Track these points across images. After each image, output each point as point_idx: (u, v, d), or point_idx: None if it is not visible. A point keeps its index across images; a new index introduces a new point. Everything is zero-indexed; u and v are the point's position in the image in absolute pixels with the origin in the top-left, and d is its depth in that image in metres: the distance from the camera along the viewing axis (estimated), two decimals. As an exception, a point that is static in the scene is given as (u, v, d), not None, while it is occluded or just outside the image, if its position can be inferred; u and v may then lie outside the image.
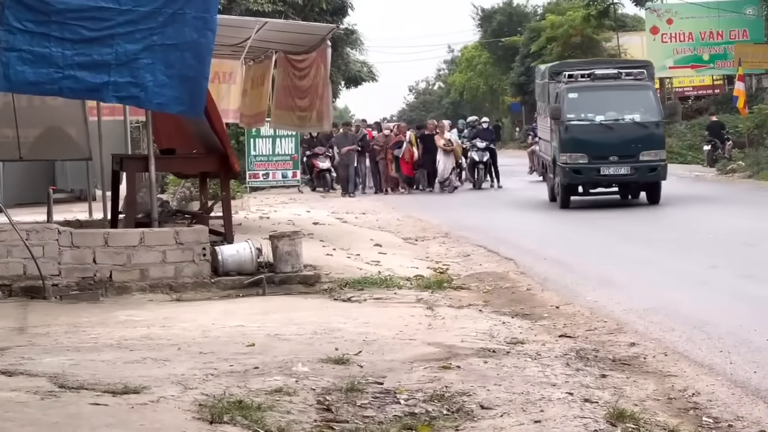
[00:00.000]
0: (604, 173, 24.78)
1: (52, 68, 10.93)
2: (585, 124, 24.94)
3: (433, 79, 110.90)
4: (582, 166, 24.63)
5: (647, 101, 25.23)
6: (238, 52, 19.65)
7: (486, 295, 13.28)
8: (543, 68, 30.24)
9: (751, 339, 10.01)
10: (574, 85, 25.50)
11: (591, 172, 24.64)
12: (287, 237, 13.66)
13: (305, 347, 9.38)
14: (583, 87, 25.44)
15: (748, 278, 13.81)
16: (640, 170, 24.59)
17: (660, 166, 24.67)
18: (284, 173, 33.98)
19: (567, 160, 24.68)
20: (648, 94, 25.46)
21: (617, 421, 7.18)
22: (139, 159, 15.18)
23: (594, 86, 25.41)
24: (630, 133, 24.72)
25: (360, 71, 49.48)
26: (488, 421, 7.19)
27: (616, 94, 25.30)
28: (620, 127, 24.83)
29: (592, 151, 24.63)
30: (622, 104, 25.14)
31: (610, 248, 17.77)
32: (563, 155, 24.81)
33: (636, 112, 25.04)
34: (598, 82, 25.49)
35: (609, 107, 25.07)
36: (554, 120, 25.44)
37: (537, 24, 66.20)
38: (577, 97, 25.18)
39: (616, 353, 9.70)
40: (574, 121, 24.91)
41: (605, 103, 25.10)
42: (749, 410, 7.78)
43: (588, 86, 25.44)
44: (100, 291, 12.66)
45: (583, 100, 25.17)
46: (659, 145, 25.11)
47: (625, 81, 25.60)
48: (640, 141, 24.63)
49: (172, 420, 6.79)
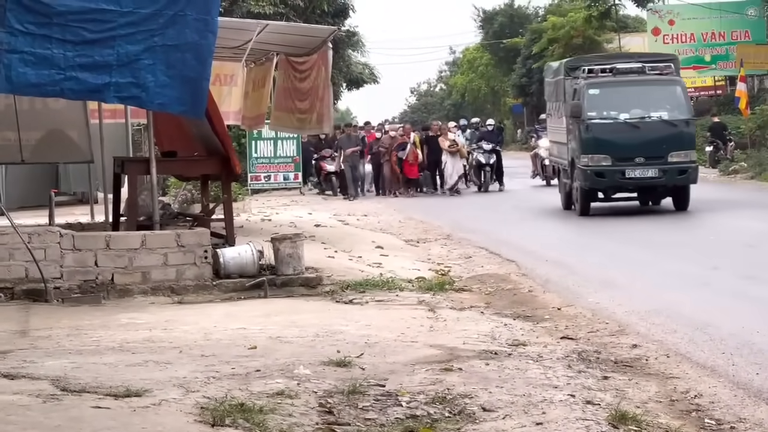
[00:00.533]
0: (630, 176, 22.75)
1: (53, 70, 10.95)
2: (608, 122, 23.01)
3: (435, 80, 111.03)
4: (605, 169, 22.72)
5: (675, 97, 23.32)
6: (240, 54, 19.68)
7: (488, 297, 13.28)
8: (556, 64, 27.75)
9: (754, 341, 10.00)
10: (595, 81, 23.50)
11: (615, 175, 22.71)
12: (289, 239, 13.66)
13: (307, 350, 9.38)
14: (604, 82, 23.45)
15: (750, 279, 13.80)
16: (669, 173, 22.68)
17: (690, 168, 22.80)
18: (286, 175, 33.98)
19: (588, 163, 22.77)
20: (676, 90, 23.48)
21: (619, 423, 7.18)
22: (141, 162, 15.19)
23: (616, 82, 23.45)
24: (657, 133, 22.83)
25: (361, 73, 49.46)
26: (490, 423, 7.19)
27: (640, 89, 23.41)
28: (646, 126, 22.92)
29: (616, 152, 22.77)
30: (648, 101, 23.27)
31: (612, 250, 17.76)
32: (584, 157, 22.87)
33: (663, 110, 23.21)
34: (620, 77, 23.51)
35: (633, 104, 23.20)
36: (574, 119, 23.30)
37: (538, 25, 66.22)
38: (598, 94, 23.23)
39: (618, 355, 9.69)
40: (595, 120, 22.99)
41: (629, 100, 23.24)
42: (752, 412, 7.77)
43: (610, 82, 23.45)
44: (101, 294, 12.66)
45: (604, 96, 23.25)
46: (689, 145, 23.27)
47: (650, 76, 23.66)
48: (669, 141, 22.76)
49: (173, 423, 6.78)
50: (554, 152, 27.26)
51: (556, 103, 26.44)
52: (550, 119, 28.07)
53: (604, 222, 22.22)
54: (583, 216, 22.89)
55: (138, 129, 28.30)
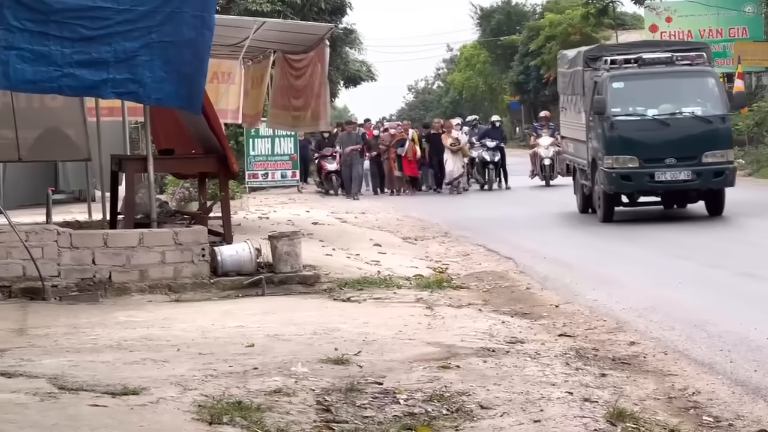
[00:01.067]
0: (660, 179, 20.50)
1: (51, 67, 10.98)
2: (635, 119, 20.80)
3: (432, 78, 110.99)
4: (632, 171, 20.45)
5: (709, 90, 21.04)
6: (237, 52, 19.66)
7: (485, 295, 13.27)
8: (572, 54, 24.72)
9: (751, 337, 10.00)
10: (619, 73, 21.12)
11: (642, 178, 20.46)
12: (286, 237, 13.65)
13: (304, 347, 9.37)
14: (630, 74, 21.14)
15: (748, 276, 13.81)
16: (704, 175, 20.37)
17: (727, 169, 20.53)
18: (283, 173, 33.86)
19: (613, 164, 20.52)
20: (710, 82, 21.13)
21: (617, 421, 7.17)
22: (138, 159, 15.17)
23: (643, 73, 21.14)
24: (690, 130, 20.66)
25: (359, 71, 49.51)
26: (488, 420, 7.19)
27: (670, 82, 21.16)
28: (678, 123, 20.69)
29: (644, 152, 20.51)
30: (679, 95, 21.11)
31: (609, 247, 17.75)
32: (608, 158, 20.57)
33: (695, 104, 20.99)
34: (647, 69, 21.17)
35: (663, 99, 21.02)
36: (598, 115, 20.93)
37: (536, 23, 66.24)
38: (623, 87, 20.95)
39: (616, 352, 9.69)
40: (620, 117, 20.70)
41: (658, 94, 21.04)
42: (750, 409, 7.77)
43: (636, 74, 21.14)
44: (99, 292, 12.65)
45: (630, 90, 21.02)
46: (725, 144, 20.88)
47: (681, 66, 21.29)
48: (703, 139, 20.56)
49: (171, 421, 6.78)
50: (570, 150, 24.61)
51: (572, 97, 23.89)
52: (564, 114, 25.28)
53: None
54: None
55: (135, 127, 28.31)
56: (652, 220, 20.96)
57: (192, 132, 15.03)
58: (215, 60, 18.07)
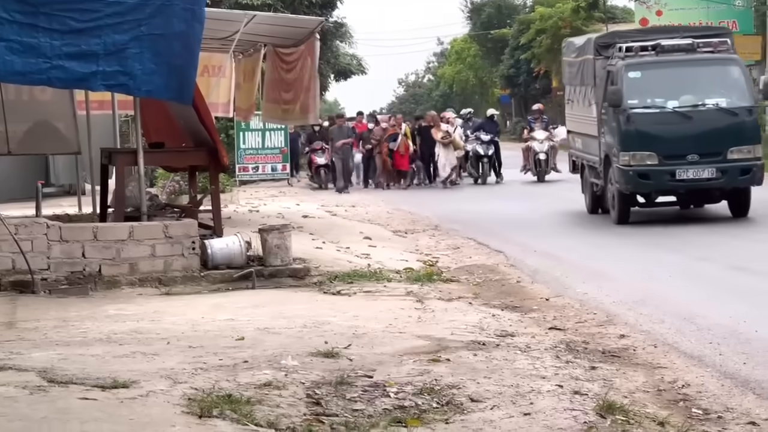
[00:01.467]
0: (681, 177, 18.82)
1: (40, 58, 10.96)
2: (653, 112, 19.12)
3: (423, 71, 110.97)
4: (650, 169, 18.83)
5: (734, 80, 19.42)
6: (227, 45, 19.66)
7: (476, 288, 13.28)
8: (581, 41, 22.82)
9: (741, 330, 10.03)
10: (636, 61, 19.40)
11: (662, 176, 18.82)
12: (276, 230, 13.64)
13: (295, 341, 9.37)
14: (647, 63, 19.43)
15: (738, 270, 13.84)
16: (729, 173, 18.72)
17: (755, 166, 18.82)
18: (274, 166, 33.89)
19: (630, 161, 18.87)
20: (735, 71, 19.52)
21: (607, 413, 7.18)
22: (128, 153, 15.15)
23: (662, 62, 19.46)
24: (713, 124, 18.96)
25: (349, 64, 49.47)
26: (478, 413, 7.19)
27: (692, 71, 19.52)
28: (700, 116, 18.99)
29: (664, 148, 18.81)
30: (701, 85, 19.45)
31: (600, 241, 17.77)
32: (624, 154, 18.89)
33: (720, 95, 19.30)
34: (666, 57, 19.50)
35: (684, 89, 19.39)
36: (612, 108, 19.25)
37: (526, 16, 66.24)
38: (640, 77, 19.26)
39: (606, 345, 9.71)
40: (637, 109, 19.02)
41: (678, 84, 19.41)
42: (739, 401, 7.79)
43: (654, 62, 19.44)
44: (89, 285, 12.64)
45: (648, 80, 19.31)
46: (753, 139, 19.08)
47: (703, 54, 19.56)
48: (728, 134, 18.82)
49: (161, 414, 6.77)
50: (577, 146, 22.71)
51: (581, 88, 21.92)
52: (570, 107, 23.32)
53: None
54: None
55: (125, 120, 28.23)
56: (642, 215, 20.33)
57: (182, 125, 15.01)
58: (206, 53, 18.05)
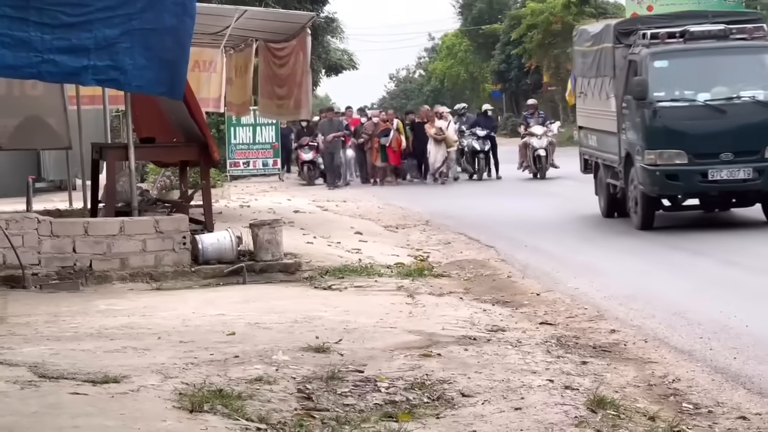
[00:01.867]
0: (714, 178, 16.90)
1: (31, 53, 10.95)
2: (682, 106, 17.15)
3: (414, 67, 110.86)
4: (680, 169, 16.91)
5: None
6: (218, 40, 19.65)
7: (467, 283, 13.29)
8: (596, 28, 20.56)
9: (731, 325, 10.05)
10: (662, 49, 17.44)
11: (693, 177, 16.92)
12: (267, 225, 13.65)
13: (286, 336, 9.37)
14: (675, 51, 17.50)
15: (729, 264, 13.86)
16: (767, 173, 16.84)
17: None
18: (265, 162, 33.88)
19: (656, 160, 16.95)
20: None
21: (598, 408, 7.19)
22: (119, 148, 15.13)
23: (691, 50, 17.53)
24: (750, 118, 16.96)
25: (340, 59, 49.49)
26: (469, 408, 7.19)
27: (725, 60, 17.59)
28: (735, 110, 17.03)
29: (695, 146, 16.91)
30: (736, 75, 17.56)
31: (591, 236, 17.78)
32: (650, 153, 16.97)
33: (757, 87, 17.28)
34: (696, 44, 17.54)
35: (716, 80, 17.45)
36: (637, 101, 17.26)
37: (517, 11, 66.29)
38: (667, 67, 17.32)
39: (597, 340, 9.72)
40: (665, 102, 17.06)
41: (710, 75, 17.49)
42: (729, 396, 7.81)
43: (683, 50, 17.53)
44: (80, 280, 12.62)
45: (676, 70, 17.38)
46: None
47: (736, 41, 17.56)
48: (766, 130, 16.85)
49: (152, 409, 6.77)
50: (590, 143, 20.63)
51: (596, 80, 19.84)
52: (583, 100, 21.19)
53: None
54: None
55: (116, 115, 28.22)
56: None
57: (173, 120, 15.00)
58: (196, 48, 18.04)
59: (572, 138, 47.35)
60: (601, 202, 19.93)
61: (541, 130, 30.81)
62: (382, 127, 32.23)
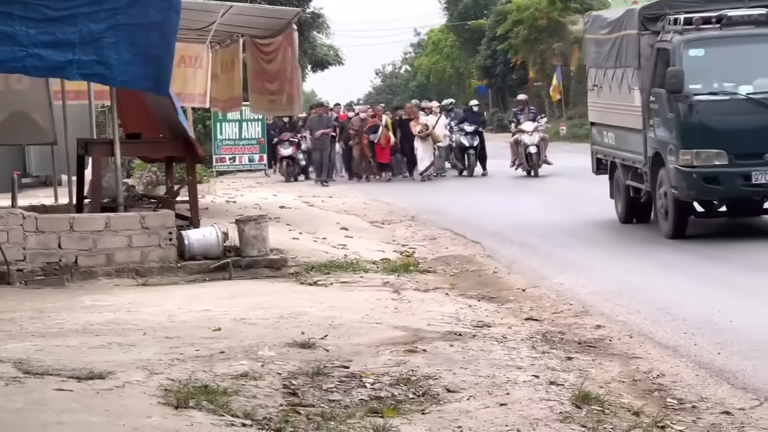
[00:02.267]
0: (758, 181, 15.06)
1: (16, 47, 10.96)
2: (722, 100, 15.34)
3: (400, 62, 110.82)
4: (720, 171, 15.13)
5: None
6: (204, 36, 19.61)
7: (452, 279, 13.30)
8: (616, 14, 18.54)
9: (715, 320, 10.08)
10: (697, 36, 15.59)
11: (734, 179, 15.11)
12: (253, 221, 13.64)
13: (271, 331, 9.37)
14: (713, 38, 15.67)
15: (713, 260, 13.89)
16: None
17: None
18: (251, 157, 33.80)
19: (692, 161, 15.12)
20: None
21: (582, 404, 7.21)
22: (105, 143, 15.10)
23: (731, 37, 15.70)
24: None
25: (326, 55, 49.44)
26: (454, 404, 7.21)
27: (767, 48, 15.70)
28: None
29: (736, 145, 15.13)
30: None
31: (577, 232, 17.79)
32: (686, 153, 15.13)
33: None
34: (734, 30, 15.71)
35: (758, 71, 15.59)
36: (672, 94, 15.34)
37: (503, 7, 66.26)
38: (703, 56, 15.53)
39: (582, 336, 9.75)
40: (702, 96, 15.25)
41: (752, 65, 15.68)
42: (713, 391, 7.84)
43: (721, 37, 15.70)
44: (65, 276, 12.59)
45: (713, 59, 15.60)
46: None
47: None
48: None
49: (137, 405, 6.76)
50: (606, 141, 18.75)
51: (615, 71, 17.87)
52: (597, 94, 19.18)
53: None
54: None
55: (102, 111, 28.13)
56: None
57: (159, 116, 14.98)
58: (182, 44, 18.00)
59: (558, 133, 47.51)
60: (619, 207, 18.21)
61: (531, 126, 30.00)
62: (371, 123, 31.76)
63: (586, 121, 52.19)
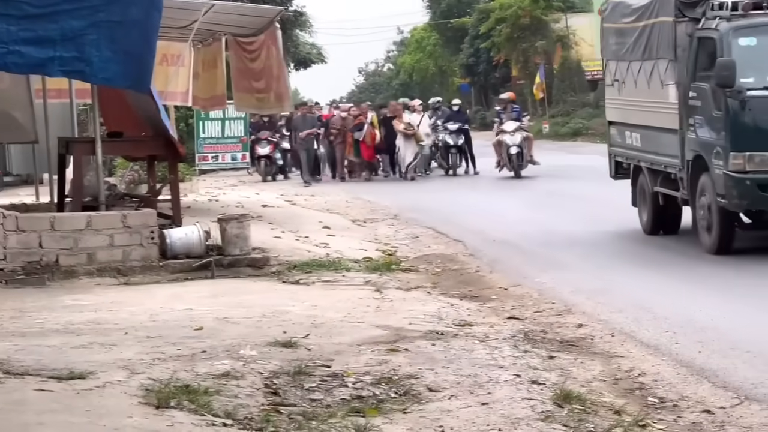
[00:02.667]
0: None
1: None
2: None
3: (383, 60, 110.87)
4: None
5: None
6: (186, 34, 19.56)
7: (434, 277, 13.29)
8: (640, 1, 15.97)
9: (696, 319, 10.11)
10: (748, 23, 13.79)
11: None
12: (236, 220, 13.62)
13: (253, 330, 9.36)
14: (766, 26, 13.81)
15: (695, 259, 13.91)
16: None
17: None
18: (233, 156, 33.74)
19: (745, 166, 13.29)
20: None
21: (564, 403, 7.22)
22: (86, 142, 15.05)
23: None
24: None
25: (309, 53, 49.46)
26: (436, 403, 7.21)
27: None
28: None
29: None
30: None
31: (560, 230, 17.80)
32: (737, 156, 13.30)
33: None
34: None
35: None
36: (721, 89, 13.49)
37: (486, 5, 66.18)
38: (755, 46, 13.73)
39: (564, 335, 9.75)
40: (756, 91, 13.40)
41: None
42: (694, 390, 7.86)
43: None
44: (46, 275, 12.55)
45: (767, 49, 13.80)
46: None
47: None
48: None
49: (118, 405, 6.75)
50: (630, 143, 16.64)
51: (641, 63, 15.76)
52: (617, 90, 17.04)
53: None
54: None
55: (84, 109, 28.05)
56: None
57: (141, 114, 14.94)
58: (164, 42, 17.97)
59: (541, 131, 47.57)
60: (644, 216, 16.30)
61: (512, 126, 29.08)
62: (356, 121, 31.45)
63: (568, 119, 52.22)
